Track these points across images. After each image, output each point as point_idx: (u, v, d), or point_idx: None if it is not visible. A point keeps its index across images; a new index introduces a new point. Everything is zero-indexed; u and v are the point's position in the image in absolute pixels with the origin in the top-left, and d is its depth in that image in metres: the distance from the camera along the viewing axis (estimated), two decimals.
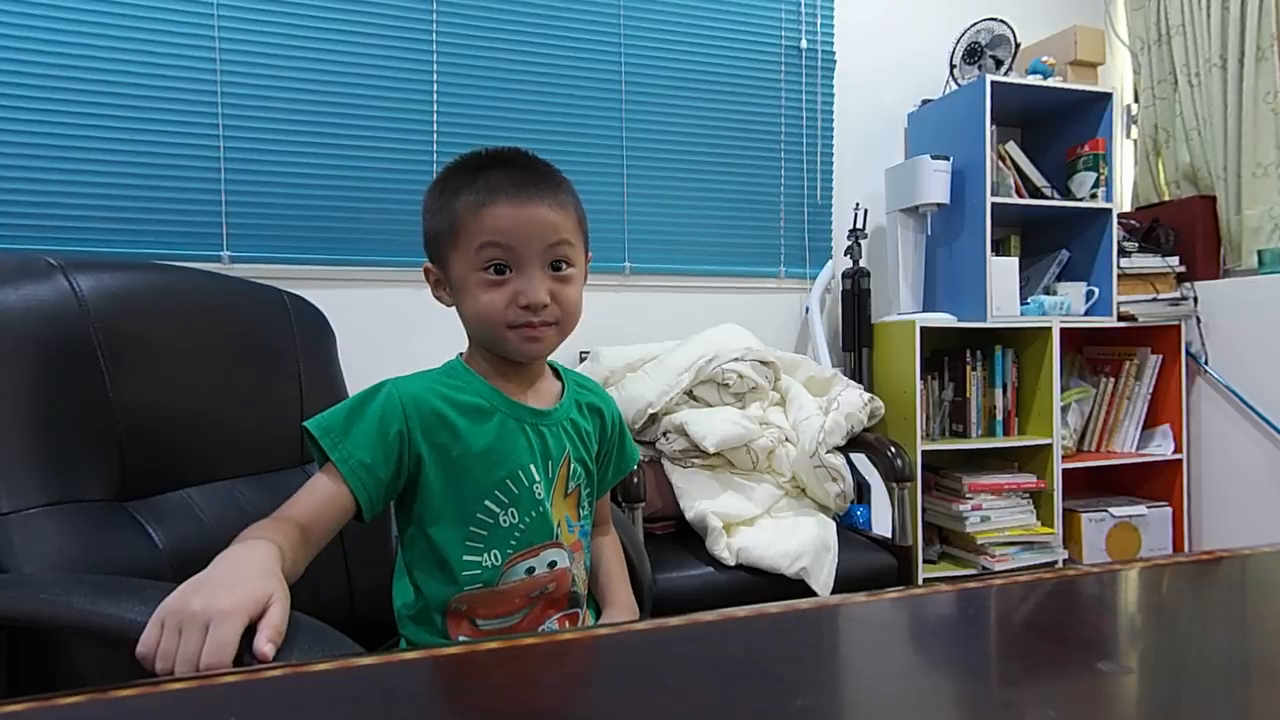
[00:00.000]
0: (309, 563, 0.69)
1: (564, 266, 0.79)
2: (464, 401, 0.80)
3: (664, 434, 1.78)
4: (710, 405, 1.85)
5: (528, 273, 0.76)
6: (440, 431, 0.78)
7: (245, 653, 0.51)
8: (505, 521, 0.80)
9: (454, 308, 0.81)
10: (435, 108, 2.06)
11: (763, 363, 1.91)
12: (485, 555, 0.79)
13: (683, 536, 1.71)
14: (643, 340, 2.04)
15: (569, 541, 0.85)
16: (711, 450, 1.72)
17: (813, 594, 1.53)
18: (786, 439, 1.85)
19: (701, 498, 1.70)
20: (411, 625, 0.82)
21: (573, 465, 0.86)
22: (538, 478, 0.82)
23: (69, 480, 0.78)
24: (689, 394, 1.85)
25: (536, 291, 0.76)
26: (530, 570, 0.81)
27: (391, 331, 2.02)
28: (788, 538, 1.61)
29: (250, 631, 0.52)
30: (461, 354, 0.86)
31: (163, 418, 0.90)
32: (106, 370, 0.84)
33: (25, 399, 0.77)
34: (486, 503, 0.79)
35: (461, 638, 0.79)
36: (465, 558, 0.78)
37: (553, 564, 0.82)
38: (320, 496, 0.72)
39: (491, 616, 0.80)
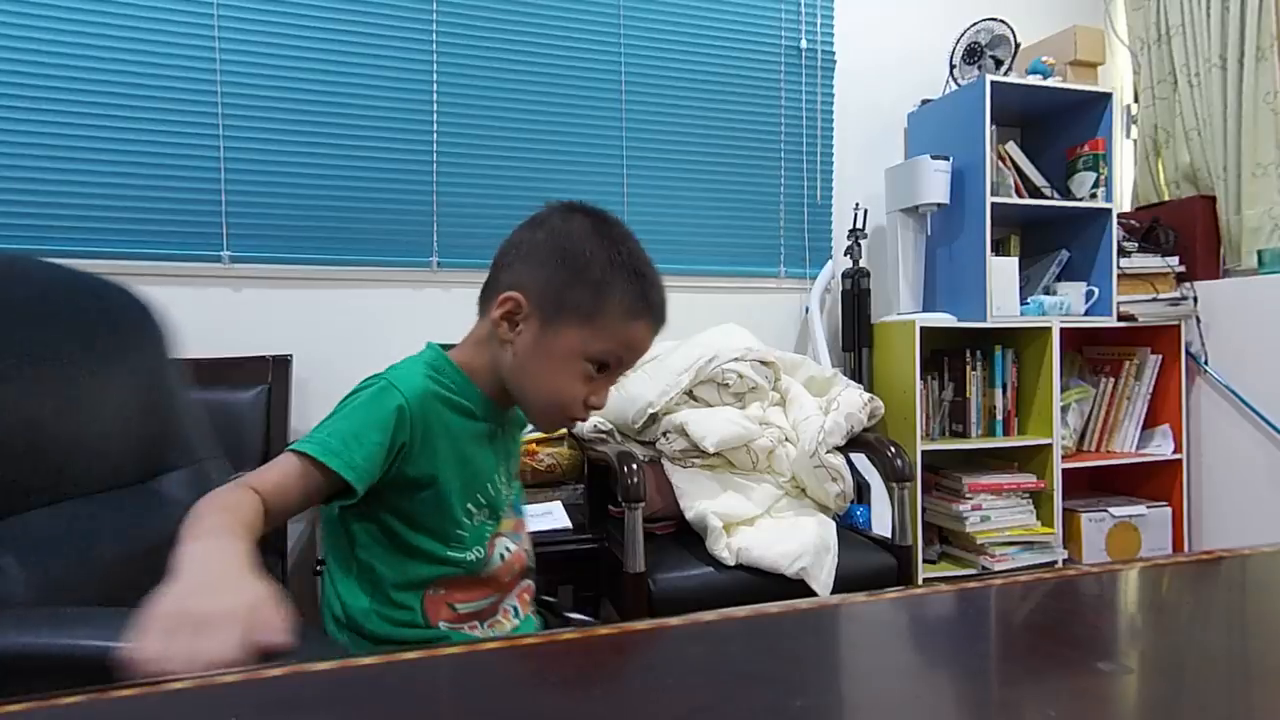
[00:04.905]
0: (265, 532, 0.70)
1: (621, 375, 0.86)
2: (458, 404, 0.82)
3: (664, 434, 1.78)
4: (710, 405, 1.85)
5: (611, 380, 0.83)
6: (440, 440, 0.79)
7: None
8: (478, 521, 0.84)
9: (507, 341, 0.80)
10: (435, 108, 2.06)
11: (763, 363, 1.91)
12: (469, 551, 0.82)
13: (683, 536, 1.71)
14: None
15: (510, 526, 0.89)
16: (711, 450, 1.72)
17: (813, 594, 1.53)
18: (786, 439, 1.85)
19: (702, 498, 1.70)
20: (380, 623, 0.80)
21: (515, 457, 0.93)
22: (503, 478, 0.87)
23: None
24: (689, 394, 1.85)
25: (606, 399, 0.83)
26: (502, 557, 0.86)
27: (390, 331, 2.02)
28: (788, 538, 1.61)
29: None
30: (440, 345, 0.85)
31: None
32: None
33: None
34: (469, 505, 0.82)
35: (442, 624, 0.81)
36: (449, 554, 0.81)
37: (509, 549, 0.88)
38: (302, 482, 0.72)
39: (470, 600, 0.84)
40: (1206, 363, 2.36)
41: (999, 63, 2.30)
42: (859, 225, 2.31)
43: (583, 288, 0.78)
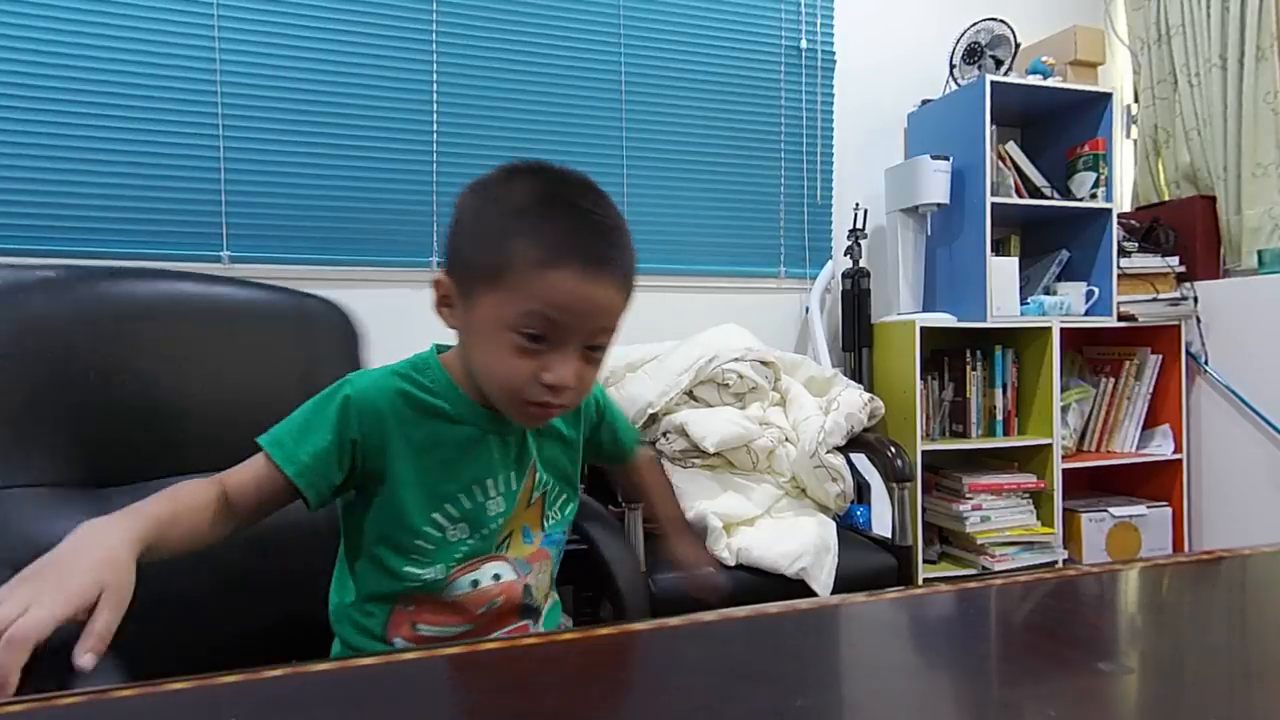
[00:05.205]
0: (231, 531, 0.68)
1: (599, 348, 0.70)
2: (428, 405, 0.74)
3: (664, 434, 1.78)
4: (710, 405, 1.85)
5: (563, 351, 0.67)
6: (396, 439, 0.72)
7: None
8: (453, 536, 0.74)
9: (455, 329, 0.73)
10: (435, 108, 2.06)
11: (763, 363, 1.91)
12: (429, 569, 0.74)
13: None
14: (643, 340, 2.04)
15: (524, 553, 0.79)
16: (711, 450, 1.72)
17: (813, 594, 1.53)
18: (786, 439, 1.85)
19: (702, 498, 1.70)
20: (349, 626, 0.77)
21: (540, 473, 0.80)
22: (494, 492, 0.76)
23: (25, 466, 0.79)
24: (689, 394, 1.85)
25: (567, 374, 0.67)
26: (475, 584, 0.75)
27: (390, 332, 2.02)
28: (788, 538, 1.61)
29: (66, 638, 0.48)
30: (439, 346, 0.79)
31: (150, 410, 0.90)
32: (90, 370, 0.86)
33: None
34: (435, 516, 0.74)
35: (397, 640, 0.75)
36: (406, 568, 0.73)
37: (496, 577, 0.77)
38: (256, 478, 0.69)
39: (435, 623, 0.76)
40: (1206, 363, 2.36)
41: (999, 63, 2.30)
42: (859, 225, 2.31)
43: (486, 246, 0.67)
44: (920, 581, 2.00)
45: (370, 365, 1.19)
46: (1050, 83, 2.26)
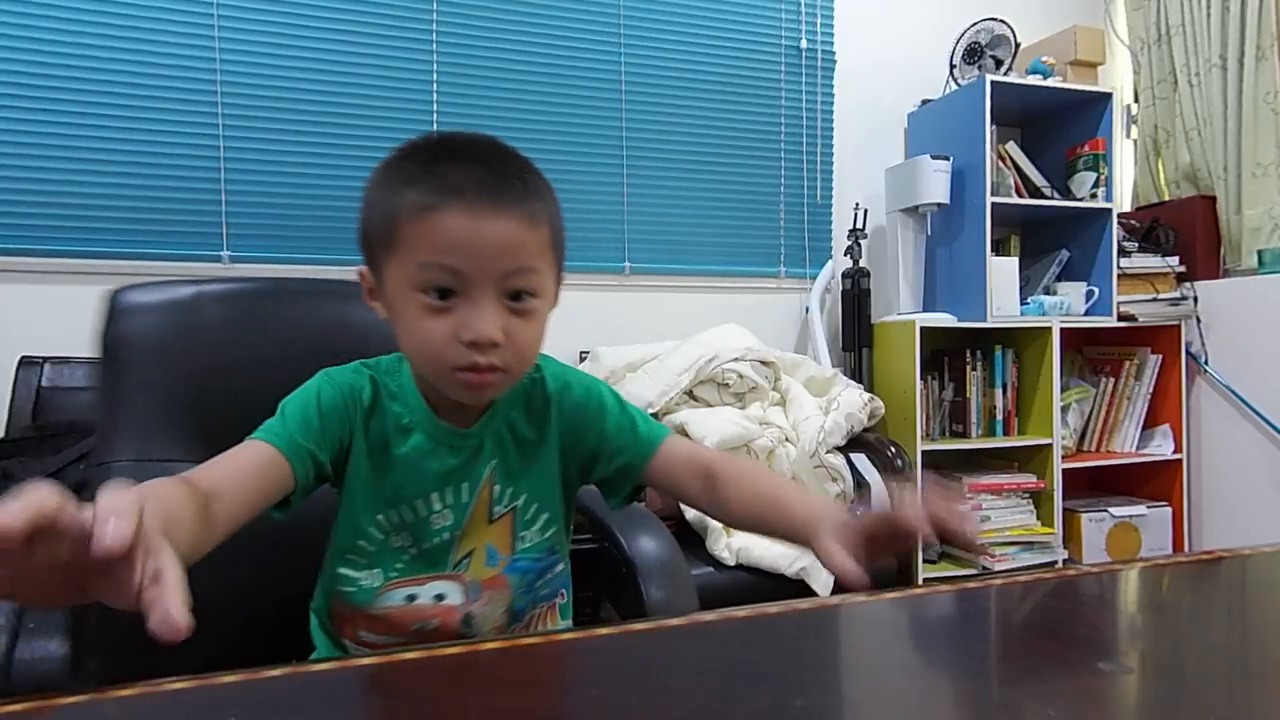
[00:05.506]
0: (212, 547, 0.55)
1: (525, 298, 0.63)
2: (386, 408, 0.71)
3: None
4: (710, 405, 1.85)
5: (477, 301, 0.61)
6: (359, 435, 0.70)
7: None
8: (395, 543, 0.71)
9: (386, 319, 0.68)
10: (435, 108, 2.06)
11: (763, 363, 1.91)
12: (364, 573, 0.70)
13: (683, 536, 1.70)
14: (643, 340, 2.04)
15: (483, 577, 0.72)
16: None
17: (813, 594, 1.53)
18: (786, 439, 1.85)
19: None
20: (317, 627, 0.76)
21: (498, 486, 0.72)
22: (439, 505, 0.71)
23: (160, 444, 0.89)
24: (689, 394, 1.85)
25: (485, 326, 0.60)
26: (411, 598, 0.71)
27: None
28: None
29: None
30: None
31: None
32: (242, 373, 0.94)
33: (136, 383, 0.90)
34: (379, 517, 0.70)
35: (347, 641, 0.73)
36: (341, 570, 0.70)
37: (439, 597, 0.71)
38: (248, 464, 0.61)
39: (373, 631, 0.72)
40: (1206, 363, 2.36)
41: (999, 63, 2.30)
42: (859, 225, 2.31)
43: (378, 214, 0.65)
44: (920, 581, 2.00)
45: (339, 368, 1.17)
46: (1050, 83, 2.26)
